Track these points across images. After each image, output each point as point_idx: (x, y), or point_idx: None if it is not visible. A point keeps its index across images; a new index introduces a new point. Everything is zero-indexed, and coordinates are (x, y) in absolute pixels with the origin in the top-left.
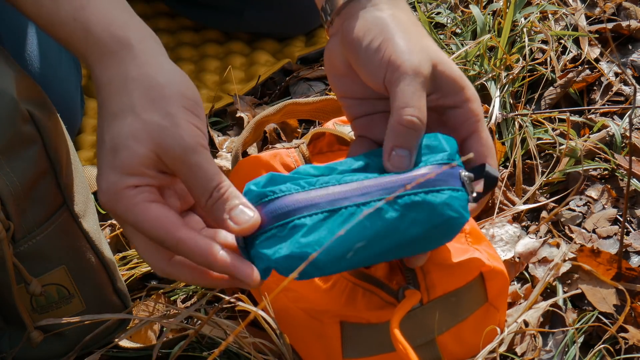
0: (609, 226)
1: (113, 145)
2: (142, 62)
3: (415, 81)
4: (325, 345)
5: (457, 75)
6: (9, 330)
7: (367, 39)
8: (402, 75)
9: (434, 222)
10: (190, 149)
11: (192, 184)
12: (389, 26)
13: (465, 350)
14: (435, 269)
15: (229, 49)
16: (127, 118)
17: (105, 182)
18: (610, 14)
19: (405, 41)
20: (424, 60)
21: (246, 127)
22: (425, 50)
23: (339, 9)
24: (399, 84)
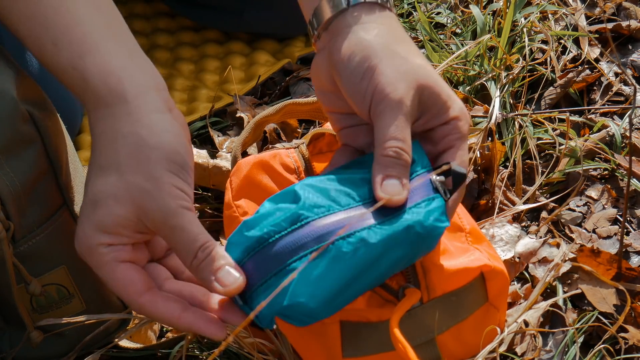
0: (609, 226)
1: (94, 200)
2: (135, 119)
3: (399, 113)
4: (325, 344)
5: (444, 95)
6: (9, 330)
7: (353, 63)
8: (386, 107)
9: (417, 238)
10: (171, 213)
11: (176, 246)
12: (374, 50)
13: (465, 350)
14: (436, 269)
15: (229, 49)
16: (112, 176)
17: (81, 232)
18: (610, 14)
19: (391, 68)
20: (409, 88)
21: (246, 127)
22: (411, 75)
23: (325, 24)
24: (384, 117)
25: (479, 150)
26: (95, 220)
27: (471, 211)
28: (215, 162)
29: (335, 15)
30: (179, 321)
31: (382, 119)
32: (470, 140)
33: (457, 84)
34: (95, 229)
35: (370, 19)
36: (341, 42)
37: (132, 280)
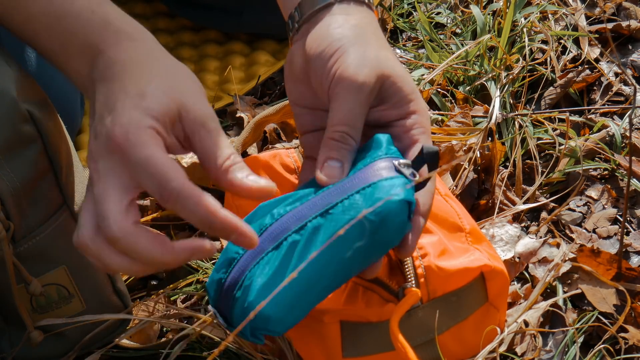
0: (609, 226)
1: (141, 92)
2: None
3: (354, 97)
4: (325, 344)
5: (407, 88)
6: (9, 330)
7: (322, 47)
8: (343, 89)
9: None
10: (212, 117)
11: (210, 147)
12: (345, 37)
13: (465, 350)
14: (436, 269)
15: (229, 49)
16: (156, 79)
17: (126, 117)
18: (610, 14)
19: (358, 55)
20: (370, 76)
21: (246, 127)
22: (376, 63)
23: (310, 16)
24: (338, 98)
25: (479, 150)
26: (144, 106)
27: (471, 211)
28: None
29: (320, 9)
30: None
31: (336, 100)
32: (470, 140)
33: (457, 84)
34: (144, 113)
35: (348, 12)
36: (316, 30)
37: (177, 167)
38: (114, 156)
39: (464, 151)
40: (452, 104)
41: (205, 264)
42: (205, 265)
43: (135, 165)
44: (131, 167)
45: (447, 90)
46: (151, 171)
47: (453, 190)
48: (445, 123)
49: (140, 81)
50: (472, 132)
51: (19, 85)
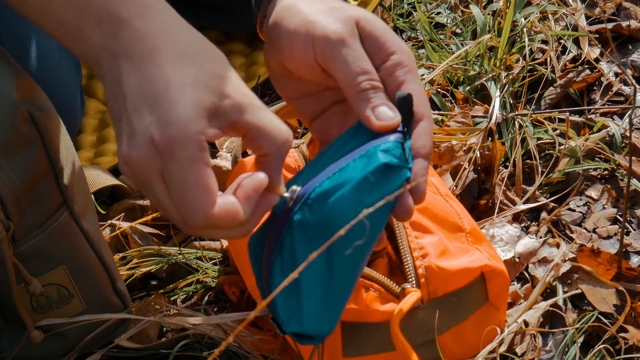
0: (609, 226)
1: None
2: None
3: (349, 49)
4: (325, 344)
5: (379, 29)
6: (9, 330)
7: (283, 25)
8: (334, 49)
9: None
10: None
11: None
12: (302, 9)
13: (465, 350)
14: (436, 269)
15: (229, 49)
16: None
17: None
18: (610, 14)
19: (322, 15)
20: (347, 22)
21: None
22: (344, 13)
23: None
24: (337, 59)
25: (479, 150)
26: (191, 102)
27: (471, 211)
28: (216, 162)
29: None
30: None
31: (336, 61)
32: (470, 140)
33: (457, 84)
34: (196, 111)
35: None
36: (272, 16)
37: (213, 190)
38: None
39: (464, 151)
40: (452, 104)
41: (205, 264)
42: (205, 265)
43: (170, 179)
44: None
45: (447, 90)
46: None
47: (453, 190)
48: (445, 123)
49: (179, 67)
50: (472, 132)
51: (19, 85)
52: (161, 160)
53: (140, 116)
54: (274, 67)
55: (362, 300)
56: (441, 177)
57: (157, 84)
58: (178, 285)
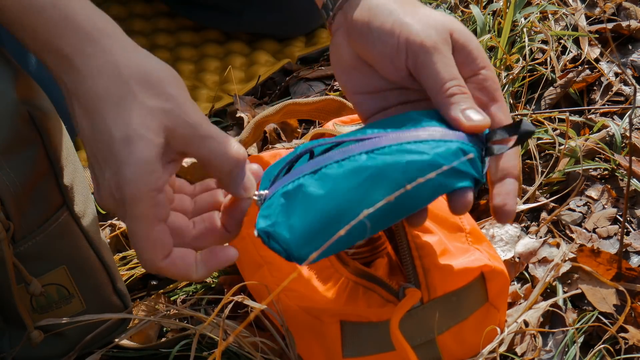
0: (609, 226)
1: (126, 137)
2: (128, 49)
3: (442, 56)
4: (325, 344)
5: (473, 44)
6: (9, 330)
7: (376, 24)
8: (427, 54)
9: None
10: (198, 124)
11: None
12: (394, 9)
13: (465, 350)
14: (436, 269)
15: (229, 49)
16: (132, 108)
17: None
18: (610, 14)
19: (416, 19)
20: (441, 31)
21: (246, 127)
22: (439, 22)
23: (342, 2)
24: (428, 64)
25: None
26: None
27: (471, 211)
28: None
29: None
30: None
31: (427, 67)
32: None
33: None
34: (144, 165)
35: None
36: (360, 11)
37: (163, 244)
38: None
39: None
40: None
41: None
42: None
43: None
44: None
45: None
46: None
47: None
48: None
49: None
50: None
51: (19, 85)
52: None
53: (100, 169)
54: (347, 59)
55: (362, 300)
56: None
57: (104, 139)
58: (178, 285)
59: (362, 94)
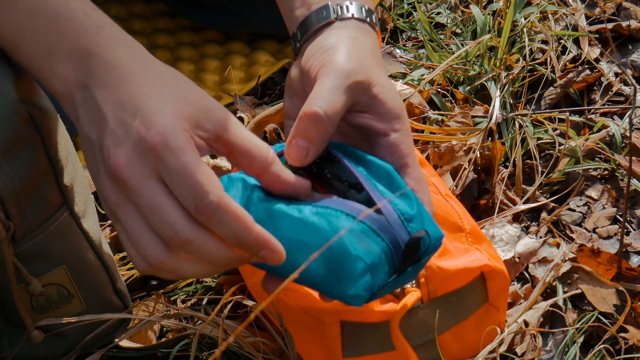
0: (609, 226)
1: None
2: (158, 60)
3: (337, 80)
4: (325, 344)
5: (394, 104)
6: (9, 330)
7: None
8: (327, 72)
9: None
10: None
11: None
12: (342, 42)
13: (465, 350)
14: (436, 269)
15: (229, 49)
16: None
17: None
18: (610, 14)
19: (349, 53)
20: (358, 70)
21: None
22: (368, 68)
23: (310, 34)
24: (322, 79)
25: (479, 150)
26: (172, 107)
27: (471, 211)
28: (216, 162)
29: (320, 27)
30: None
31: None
32: (470, 140)
33: (457, 84)
34: (177, 116)
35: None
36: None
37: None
38: (148, 158)
39: (464, 151)
40: (452, 104)
41: None
42: None
43: (172, 172)
44: (167, 173)
45: (447, 90)
46: (189, 182)
47: (453, 190)
48: (445, 123)
49: (156, 84)
50: (472, 132)
51: (19, 85)
52: (154, 156)
53: (123, 125)
54: (292, 81)
55: None
56: (441, 177)
57: (136, 98)
58: (178, 285)
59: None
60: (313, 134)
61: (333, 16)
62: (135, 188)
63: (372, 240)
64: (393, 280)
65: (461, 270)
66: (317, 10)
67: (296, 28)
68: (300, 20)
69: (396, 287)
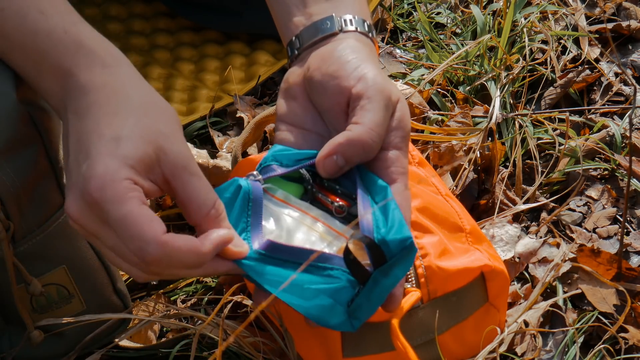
0: (609, 226)
1: (116, 136)
2: (138, 80)
3: (387, 108)
4: (325, 344)
5: (405, 123)
6: (9, 330)
7: (333, 66)
8: (378, 94)
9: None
10: (190, 160)
11: (193, 193)
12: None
13: (465, 350)
14: (436, 269)
15: (229, 49)
16: (129, 119)
17: (102, 167)
18: (610, 14)
19: (378, 74)
20: (394, 92)
21: (246, 127)
22: (394, 87)
23: (312, 43)
24: (374, 101)
25: (479, 150)
26: (121, 154)
27: (471, 211)
28: (216, 162)
29: (323, 37)
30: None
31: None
32: (471, 140)
33: (457, 84)
34: (121, 163)
35: (354, 38)
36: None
37: (154, 220)
38: (95, 209)
39: (464, 151)
40: (452, 104)
41: None
42: None
43: (114, 223)
44: (111, 223)
45: (447, 90)
46: (129, 233)
47: (453, 190)
48: (445, 123)
49: (115, 120)
50: (472, 132)
51: (19, 85)
52: (98, 209)
53: (77, 166)
54: (292, 87)
55: None
56: (441, 177)
57: (90, 137)
58: (178, 285)
59: (288, 124)
60: (356, 159)
61: (337, 28)
62: (93, 233)
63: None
64: (364, 291)
65: (461, 270)
66: (320, 20)
67: (295, 36)
68: (301, 28)
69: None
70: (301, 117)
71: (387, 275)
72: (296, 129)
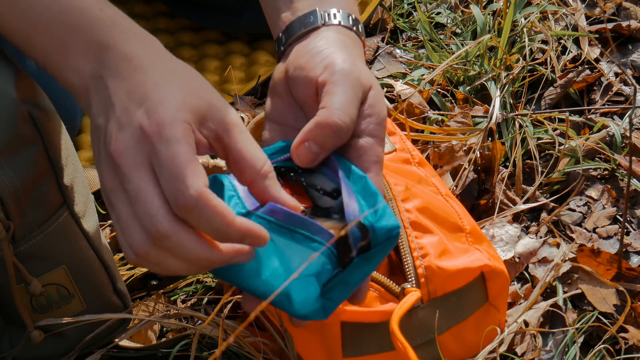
0: (609, 226)
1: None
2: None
3: (353, 90)
4: (325, 344)
5: (380, 109)
6: (9, 330)
7: (306, 56)
8: (343, 78)
9: None
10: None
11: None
12: (333, 46)
13: (465, 350)
14: (436, 269)
15: (229, 49)
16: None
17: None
18: (610, 14)
19: (351, 58)
20: (366, 77)
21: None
22: (368, 73)
23: (296, 38)
24: (339, 84)
25: (479, 150)
26: (178, 99)
27: (471, 211)
28: (216, 162)
29: (306, 32)
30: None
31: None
32: (471, 140)
33: (457, 84)
34: (181, 106)
35: (336, 31)
36: (299, 46)
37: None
38: (144, 147)
39: (464, 151)
40: (452, 104)
41: None
42: None
43: (161, 161)
44: (157, 162)
45: (447, 90)
46: (173, 173)
47: (453, 190)
48: (445, 123)
49: (166, 76)
50: (472, 132)
51: (19, 85)
52: (149, 145)
53: (128, 112)
54: (275, 83)
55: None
56: (441, 177)
57: (145, 88)
58: (178, 285)
59: (273, 122)
60: (329, 144)
61: (320, 22)
62: (126, 174)
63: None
64: (342, 274)
65: (461, 270)
66: (303, 15)
67: (281, 32)
68: (287, 24)
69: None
70: (284, 113)
71: (369, 262)
72: (278, 127)
